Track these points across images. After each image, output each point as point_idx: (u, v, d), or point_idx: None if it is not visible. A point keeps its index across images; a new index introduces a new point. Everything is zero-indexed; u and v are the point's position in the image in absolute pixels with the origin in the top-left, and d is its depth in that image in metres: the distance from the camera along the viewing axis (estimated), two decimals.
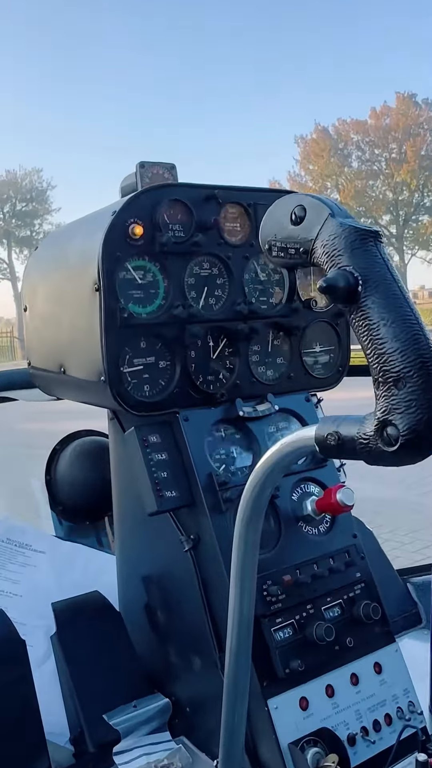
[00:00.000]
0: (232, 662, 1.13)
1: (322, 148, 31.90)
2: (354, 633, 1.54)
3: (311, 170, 32.60)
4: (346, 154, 32.02)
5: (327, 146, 31.72)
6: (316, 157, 32.08)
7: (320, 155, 31.97)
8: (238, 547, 1.01)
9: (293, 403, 1.74)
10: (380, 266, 0.77)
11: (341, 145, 31.90)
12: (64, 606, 1.87)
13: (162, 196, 1.54)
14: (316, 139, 32.12)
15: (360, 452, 0.78)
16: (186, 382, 1.60)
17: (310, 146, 32.39)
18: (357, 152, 31.86)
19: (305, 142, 32.63)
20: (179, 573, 1.60)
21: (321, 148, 31.94)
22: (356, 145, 31.81)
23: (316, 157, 32.11)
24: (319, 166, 32.24)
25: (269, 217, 0.90)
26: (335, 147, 31.76)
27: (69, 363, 1.66)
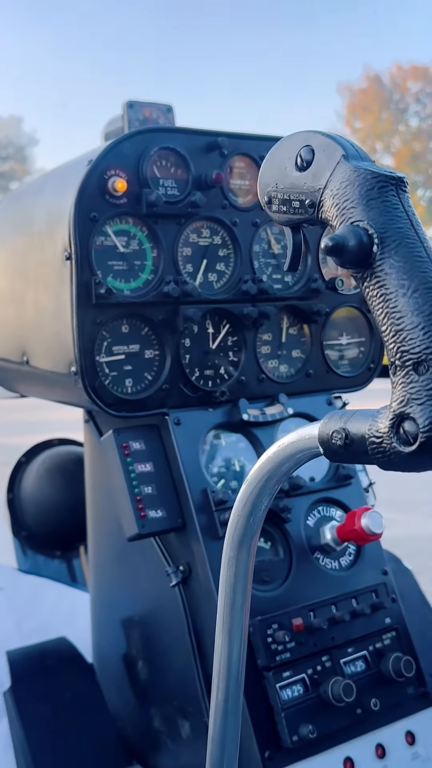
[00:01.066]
0: (218, 726, 1.11)
1: (372, 99, 31.89)
2: (381, 693, 1.54)
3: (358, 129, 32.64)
4: (402, 108, 31.99)
5: (379, 98, 31.72)
6: (364, 112, 32.10)
7: (369, 109, 31.96)
8: (227, 577, 1.01)
9: (311, 406, 1.75)
10: (402, 221, 0.78)
11: (396, 96, 31.88)
12: (21, 655, 1.89)
13: (151, 142, 1.55)
14: (365, 89, 32.15)
15: (372, 454, 0.78)
16: (178, 377, 1.61)
17: (357, 98, 32.42)
18: (416, 106, 31.83)
19: (351, 91, 32.66)
20: (165, 614, 1.61)
21: (371, 99, 31.93)
22: (415, 97, 31.78)
23: (363, 111, 32.13)
24: (367, 123, 32.27)
25: (269, 161, 0.90)
26: (389, 99, 31.76)
27: (33, 351, 1.68)
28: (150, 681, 1.71)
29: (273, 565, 1.58)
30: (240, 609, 1.02)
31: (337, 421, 0.82)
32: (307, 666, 1.50)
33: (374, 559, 1.67)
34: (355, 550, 1.66)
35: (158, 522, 1.53)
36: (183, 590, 1.55)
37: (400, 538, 5.92)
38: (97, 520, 1.84)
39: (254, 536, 0.99)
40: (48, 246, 1.55)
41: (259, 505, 0.96)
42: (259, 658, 1.46)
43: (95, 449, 1.76)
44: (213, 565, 1.49)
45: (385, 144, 32.29)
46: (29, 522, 2.46)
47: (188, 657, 1.54)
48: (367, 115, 32.24)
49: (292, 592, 1.55)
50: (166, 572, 1.56)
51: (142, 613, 1.72)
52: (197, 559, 1.53)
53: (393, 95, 32.26)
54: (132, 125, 1.73)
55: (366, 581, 1.63)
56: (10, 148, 32.29)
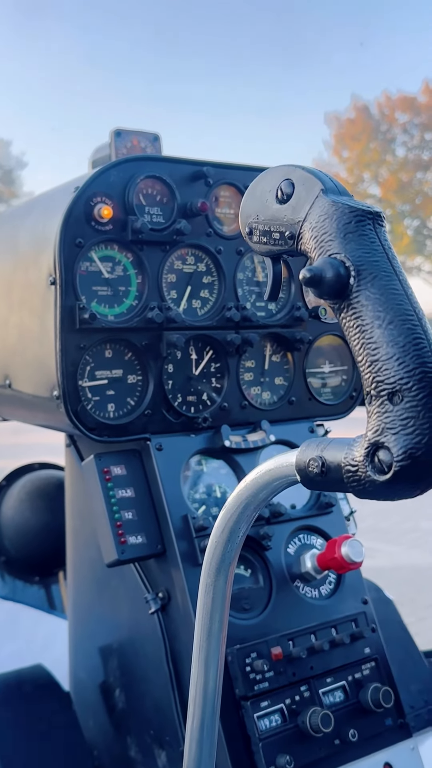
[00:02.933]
0: (193, 755, 1.11)
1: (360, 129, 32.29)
2: (360, 724, 1.54)
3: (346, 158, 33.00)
4: (390, 139, 32.40)
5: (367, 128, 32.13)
6: (353, 142, 32.49)
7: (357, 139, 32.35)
8: (204, 604, 1.01)
9: (294, 433, 1.76)
10: (378, 255, 0.80)
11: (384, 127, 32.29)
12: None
13: (137, 170, 1.58)
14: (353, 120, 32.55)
15: (347, 482, 0.79)
16: (160, 403, 1.62)
17: (345, 128, 32.82)
18: (403, 136, 32.26)
19: (339, 121, 33.07)
20: (143, 641, 1.61)
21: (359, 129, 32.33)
22: (402, 128, 32.21)
23: (352, 141, 32.52)
24: (355, 153, 32.64)
25: (251, 193, 0.93)
26: (377, 129, 32.17)
27: (16, 374, 1.69)
28: (127, 709, 1.70)
29: (253, 593, 1.58)
30: (217, 637, 1.02)
31: (314, 449, 0.83)
32: (286, 696, 1.50)
33: (354, 588, 1.68)
34: (335, 579, 1.67)
35: (138, 548, 1.54)
36: (162, 617, 1.55)
37: (383, 567, 5.92)
38: (76, 546, 1.83)
39: (232, 564, 1.00)
40: (33, 270, 1.57)
41: (236, 533, 0.97)
42: (237, 688, 1.46)
43: (76, 474, 1.76)
44: (192, 592, 1.49)
45: (372, 173, 32.66)
46: (8, 547, 2.45)
47: (166, 685, 1.54)
48: (355, 144, 32.61)
49: (271, 620, 1.56)
50: (145, 599, 1.57)
51: (120, 640, 1.72)
52: (176, 586, 1.53)
53: (381, 125, 32.67)
54: (119, 153, 1.76)
55: (346, 610, 1.64)
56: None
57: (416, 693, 1.99)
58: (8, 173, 32.68)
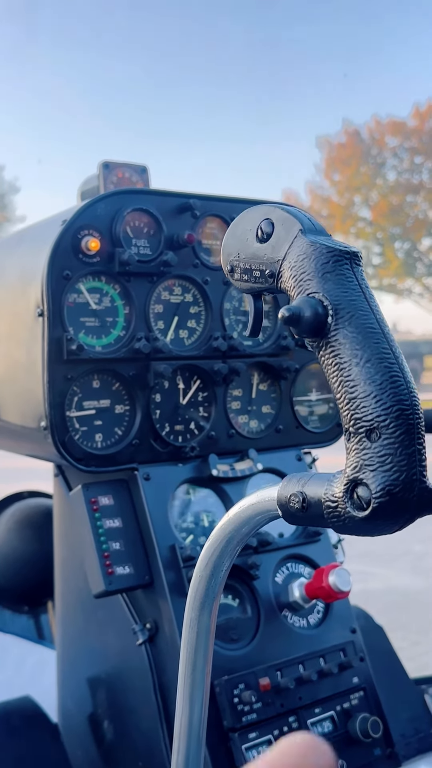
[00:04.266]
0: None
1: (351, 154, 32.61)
2: (348, 754, 1.54)
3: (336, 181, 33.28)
4: (380, 163, 32.71)
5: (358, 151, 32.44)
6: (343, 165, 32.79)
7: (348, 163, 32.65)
8: (188, 638, 1.02)
9: (281, 461, 1.77)
10: (355, 294, 0.81)
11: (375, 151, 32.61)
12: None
13: (125, 203, 1.60)
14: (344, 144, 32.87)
15: (328, 518, 0.80)
16: (148, 432, 1.63)
17: (336, 151, 33.14)
18: (393, 160, 32.56)
19: (330, 145, 33.39)
20: (131, 673, 1.60)
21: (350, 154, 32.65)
22: (392, 152, 32.53)
23: (342, 164, 32.82)
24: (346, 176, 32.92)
25: (232, 232, 0.94)
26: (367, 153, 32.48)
27: (3, 404, 1.70)
28: (115, 742, 1.70)
29: (240, 623, 1.58)
30: (201, 671, 1.03)
31: (295, 484, 0.84)
32: (274, 727, 1.50)
33: (343, 617, 1.68)
34: (323, 608, 1.68)
35: (125, 579, 1.54)
36: (149, 649, 1.55)
37: (375, 591, 5.91)
38: (64, 576, 1.83)
39: (216, 598, 1.00)
40: (21, 302, 1.58)
41: (220, 567, 0.97)
42: (225, 719, 1.46)
43: (64, 503, 1.77)
44: (180, 623, 1.49)
45: (363, 196, 32.91)
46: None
47: (154, 717, 1.54)
48: (346, 168, 32.88)
49: (259, 650, 1.56)
50: (133, 630, 1.57)
51: (108, 671, 1.71)
52: (164, 616, 1.53)
53: (371, 149, 32.97)
54: (107, 185, 1.79)
55: (334, 640, 1.64)
56: None
57: (406, 721, 1.98)
58: (0, 198, 32.86)
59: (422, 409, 0.79)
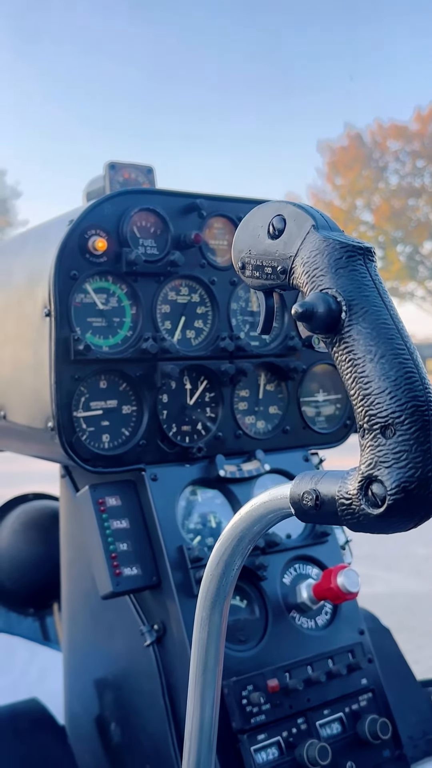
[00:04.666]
0: None
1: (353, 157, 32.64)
2: (357, 756, 1.53)
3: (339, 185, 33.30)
4: (382, 167, 32.72)
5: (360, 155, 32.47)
6: (345, 169, 32.81)
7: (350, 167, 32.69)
8: (199, 638, 1.01)
9: (288, 462, 1.77)
10: (369, 289, 0.81)
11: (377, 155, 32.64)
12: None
13: (131, 203, 1.60)
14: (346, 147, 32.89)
15: (341, 515, 0.80)
16: (155, 433, 1.63)
17: (338, 155, 33.15)
18: (395, 164, 32.58)
19: (332, 149, 33.40)
20: (139, 674, 1.59)
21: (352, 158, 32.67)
22: (394, 156, 32.54)
23: (344, 168, 32.84)
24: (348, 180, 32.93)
25: (243, 228, 0.94)
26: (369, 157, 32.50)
27: (10, 405, 1.69)
28: (123, 744, 1.69)
29: (248, 625, 1.58)
30: (212, 671, 1.02)
31: (308, 482, 0.84)
32: (283, 728, 1.49)
33: (351, 618, 1.67)
34: (331, 609, 1.67)
35: (133, 580, 1.53)
36: (157, 650, 1.54)
37: (381, 594, 5.90)
38: (71, 577, 1.83)
39: (227, 597, 1.00)
40: (28, 302, 1.58)
41: (231, 566, 0.97)
42: (233, 721, 1.45)
43: (71, 504, 1.76)
44: (188, 624, 1.49)
45: (365, 200, 32.92)
46: (2, 578, 2.43)
47: (162, 719, 1.53)
48: (348, 172, 32.90)
49: (267, 652, 1.55)
50: (141, 631, 1.56)
51: (115, 673, 1.70)
52: (172, 617, 1.52)
53: (373, 153, 32.99)
54: (113, 186, 1.78)
55: (342, 641, 1.63)
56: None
57: (414, 723, 1.98)
58: (3, 202, 32.91)
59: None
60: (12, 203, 34.16)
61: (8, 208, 33.72)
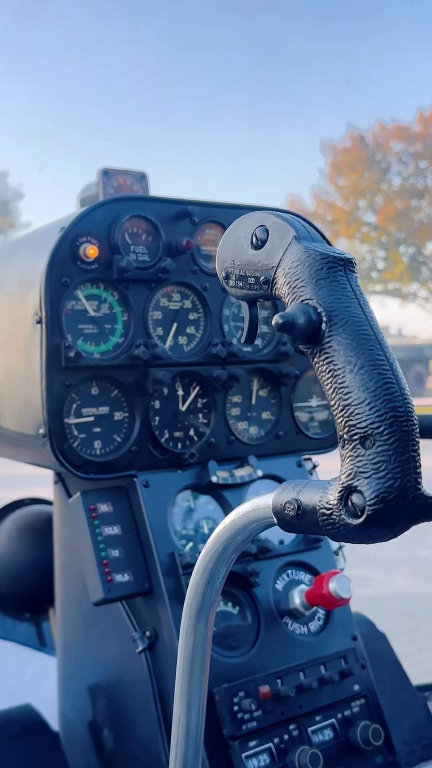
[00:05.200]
0: None
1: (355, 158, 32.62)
2: (349, 762, 1.53)
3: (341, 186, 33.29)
4: (385, 168, 32.71)
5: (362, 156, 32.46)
6: (348, 170, 32.80)
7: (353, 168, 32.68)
8: (185, 646, 1.01)
9: (281, 468, 1.77)
10: (349, 300, 0.81)
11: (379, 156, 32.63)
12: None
13: (123, 210, 1.60)
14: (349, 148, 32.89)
15: (322, 525, 0.80)
16: (147, 439, 1.63)
17: (341, 156, 33.14)
18: (398, 165, 32.57)
19: (335, 150, 33.40)
20: (131, 680, 1.60)
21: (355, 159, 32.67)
22: (397, 157, 32.53)
23: (347, 169, 32.83)
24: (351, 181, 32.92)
25: (227, 238, 0.94)
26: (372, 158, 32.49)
27: (2, 412, 1.70)
28: (116, 750, 1.69)
29: (240, 631, 1.58)
30: (198, 679, 1.02)
31: (290, 491, 0.84)
32: (274, 735, 1.49)
33: (344, 624, 1.67)
34: (324, 615, 1.67)
35: (125, 586, 1.53)
36: (149, 656, 1.54)
37: (379, 597, 5.89)
38: (65, 583, 1.83)
39: (212, 606, 1.00)
40: (19, 309, 1.58)
41: (216, 575, 0.97)
42: (224, 727, 1.45)
43: (64, 510, 1.77)
44: (179, 630, 1.49)
45: (368, 201, 32.90)
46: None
47: (154, 725, 1.53)
48: (351, 173, 32.89)
49: (259, 658, 1.55)
50: (133, 638, 1.56)
51: (108, 679, 1.71)
52: (164, 624, 1.52)
53: (376, 154, 32.98)
54: (107, 192, 1.79)
55: (335, 647, 1.63)
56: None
57: (409, 728, 1.97)
58: (5, 204, 32.93)
59: (417, 415, 0.79)
60: (15, 205, 34.19)
61: (11, 209, 33.74)
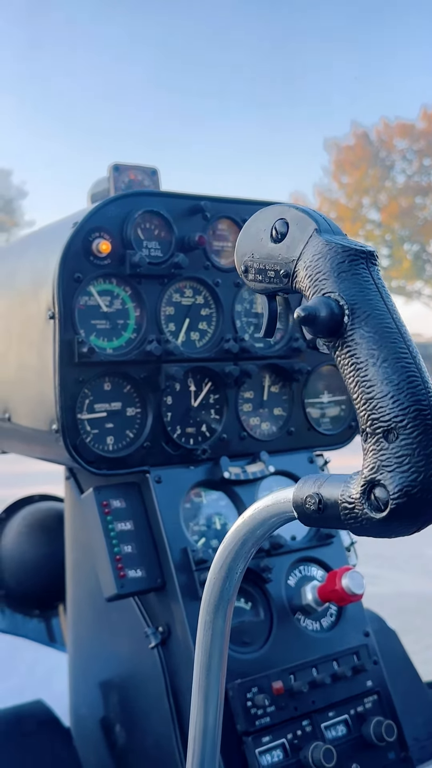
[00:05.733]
0: None
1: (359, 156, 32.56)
2: (362, 758, 1.53)
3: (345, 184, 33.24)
4: (389, 165, 32.65)
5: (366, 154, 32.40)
6: (352, 168, 32.75)
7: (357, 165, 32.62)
8: (203, 641, 1.01)
9: (293, 464, 1.77)
10: (372, 293, 0.81)
11: (383, 153, 32.57)
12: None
13: (136, 205, 1.60)
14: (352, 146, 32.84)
15: (344, 519, 0.80)
16: (160, 435, 1.63)
17: (345, 154, 33.09)
18: (402, 163, 32.52)
19: (338, 147, 33.35)
20: (144, 676, 1.60)
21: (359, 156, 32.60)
22: (401, 155, 32.48)
23: (351, 167, 32.78)
24: (355, 179, 32.87)
25: (246, 232, 0.94)
26: (375, 155, 32.44)
27: (15, 408, 1.70)
28: (127, 746, 1.69)
29: (253, 627, 1.58)
30: (216, 674, 1.02)
31: (311, 485, 0.84)
32: (287, 731, 1.49)
33: (356, 620, 1.67)
34: (336, 611, 1.67)
35: (137, 582, 1.53)
36: (162, 652, 1.54)
37: (388, 595, 5.88)
38: (76, 579, 1.83)
39: (230, 601, 1.00)
40: (32, 305, 1.58)
41: (235, 570, 0.97)
42: (238, 723, 1.45)
43: (76, 506, 1.77)
44: (192, 626, 1.49)
45: (372, 199, 32.85)
46: (8, 580, 2.44)
47: (167, 721, 1.53)
48: (355, 170, 32.84)
49: (272, 654, 1.55)
50: (145, 633, 1.56)
51: (120, 675, 1.71)
52: (176, 620, 1.52)
53: (380, 152, 32.93)
54: (118, 187, 1.79)
55: (347, 643, 1.63)
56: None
57: (420, 725, 1.98)
58: (9, 203, 32.91)
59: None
60: (18, 203, 34.19)
61: (14, 208, 33.74)
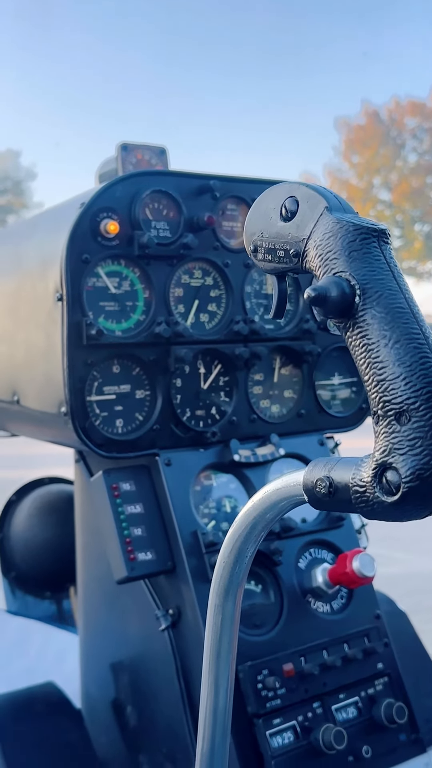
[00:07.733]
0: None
1: (370, 135, 32.29)
2: (373, 740, 1.53)
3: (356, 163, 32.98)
4: (400, 144, 32.37)
5: (377, 133, 32.12)
6: (363, 147, 32.47)
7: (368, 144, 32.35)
8: (212, 625, 1.01)
9: (303, 446, 1.76)
10: (383, 273, 0.79)
11: (394, 132, 32.28)
12: (7, 700, 1.87)
13: (144, 185, 1.58)
14: (363, 125, 32.56)
15: (355, 503, 0.79)
16: (169, 418, 1.62)
17: (356, 133, 32.81)
18: (413, 142, 32.23)
19: (349, 127, 33.07)
20: (154, 658, 1.60)
21: (369, 135, 32.33)
22: (412, 133, 32.19)
23: (362, 146, 32.51)
24: (365, 158, 32.61)
25: (255, 210, 0.92)
26: (386, 135, 32.16)
27: (24, 390, 1.69)
28: (139, 727, 1.70)
29: (264, 609, 1.58)
30: (226, 657, 1.02)
31: (321, 468, 0.83)
32: (298, 713, 1.49)
33: (366, 602, 1.67)
34: (347, 593, 1.66)
35: (148, 564, 1.53)
36: (172, 634, 1.55)
37: (397, 575, 5.89)
38: (86, 561, 1.83)
39: (240, 584, 0.99)
40: (40, 286, 1.57)
41: (245, 553, 0.96)
42: (248, 705, 1.46)
43: (85, 489, 1.76)
44: (203, 609, 1.49)
45: (383, 178, 32.61)
46: (18, 562, 2.45)
47: (177, 703, 1.54)
48: (366, 150, 32.57)
49: (283, 636, 1.55)
50: (156, 616, 1.56)
51: (131, 656, 1.71)
52: (187, 602, 1.52)
53: (391, 131, 32.64)
54: (126, 167, 1.77)
55: (358, 625, 1.63)
56: (8, 181, 32.50)
57: (431, 707, 1.97)
58: (18, 184, 32.82)
59: None
60: (27, 185, 34.09)
61: (23, 189, 33.65)
